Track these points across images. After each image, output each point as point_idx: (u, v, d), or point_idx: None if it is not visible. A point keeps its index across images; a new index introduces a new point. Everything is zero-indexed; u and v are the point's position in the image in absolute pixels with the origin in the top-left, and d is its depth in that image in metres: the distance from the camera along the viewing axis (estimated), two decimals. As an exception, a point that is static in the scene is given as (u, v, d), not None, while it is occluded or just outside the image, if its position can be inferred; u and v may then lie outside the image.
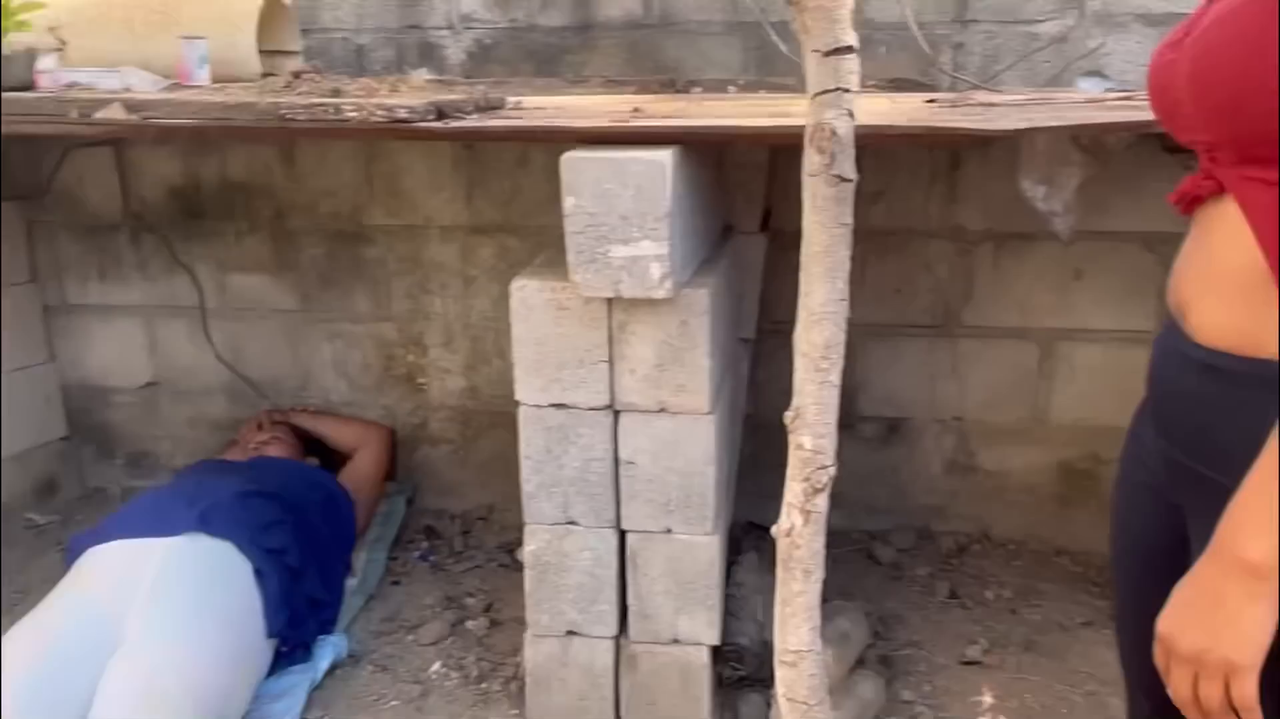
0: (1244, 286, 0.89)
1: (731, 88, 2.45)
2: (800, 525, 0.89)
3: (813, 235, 0.86)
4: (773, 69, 2.54)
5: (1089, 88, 2.26)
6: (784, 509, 0.92)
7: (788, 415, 0.90)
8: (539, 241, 2.78)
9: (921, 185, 2.58)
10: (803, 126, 1.71)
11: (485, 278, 2.83)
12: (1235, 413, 0.91)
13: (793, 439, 0.89)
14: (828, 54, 0.84)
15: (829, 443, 0.89)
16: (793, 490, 0.89)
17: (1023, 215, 2.46)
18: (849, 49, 0.84)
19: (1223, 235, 0.92)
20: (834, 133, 0.84)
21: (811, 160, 0.85)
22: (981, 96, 2.14)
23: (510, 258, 2.80)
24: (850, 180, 0.86)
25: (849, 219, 0.87)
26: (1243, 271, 0.89)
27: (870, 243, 2.54)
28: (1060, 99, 1.96)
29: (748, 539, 2.77)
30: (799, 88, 2.40)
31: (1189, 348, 0.96)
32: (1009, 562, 2.70)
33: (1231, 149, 0.88)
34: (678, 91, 2.43)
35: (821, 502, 0.89)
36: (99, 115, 1.90)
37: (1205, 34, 0.87)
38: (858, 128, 0.88)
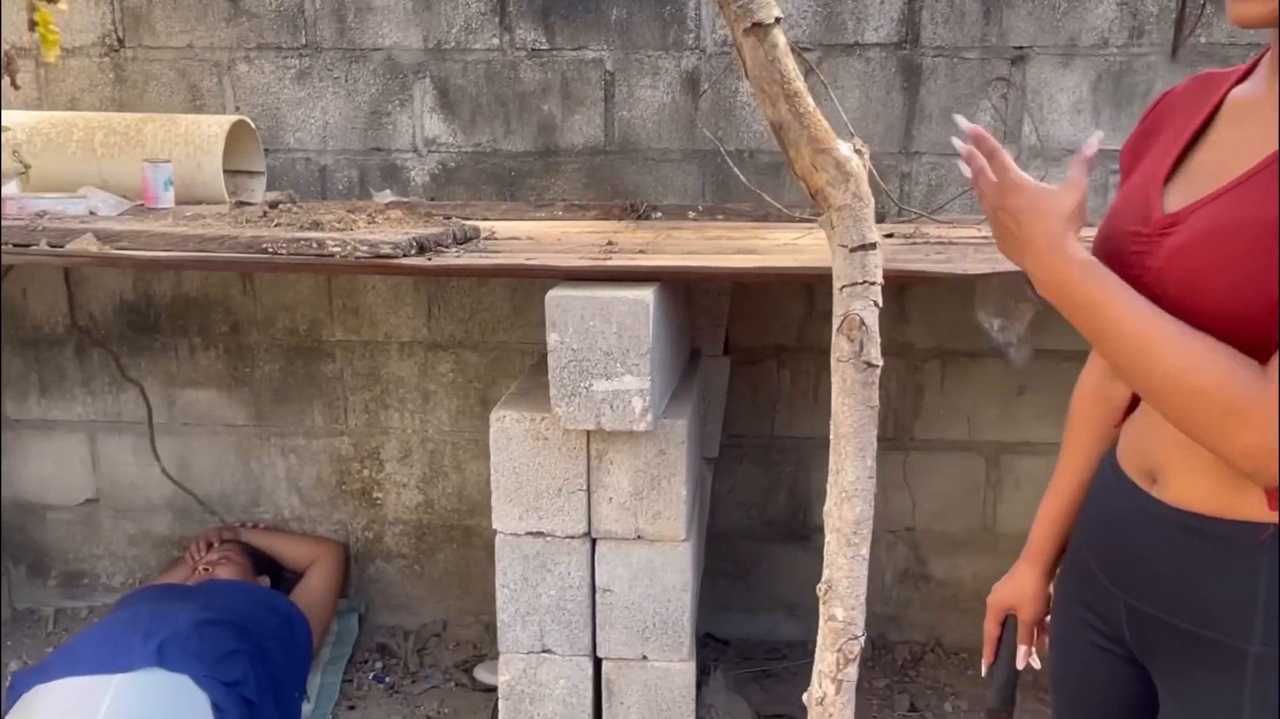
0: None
1: (691, 213, 2.54)
2: (833, 694, 0.92)
3: (842, 417, 0.91)
4: (729, 195, 2.64)
5: (1028, 218, 2.39)
6: (815, 677, 0.95)
7: (820, 587, 0.94)
8: (498, 357, 2.81)
9: (871, 305, 2.68)
10: (772, 268, 1.79)
11: (444, 393, 2.84)
12: (1219, 571, 0.97)
13: (824, 610, 0.93)
14: (854, 250, 0.90)
15: (860, 614, 0.93)
16: (825, 660, 0.93)
17: (967, 334, 2.59)
18: (874, 246, 0.90)
19: None
20: (862, 323, 0.89)
21: (841, 347, 0.90)
22: (934, 229, 2.25)
23: (469, 373, 2.82)
24: (877, 366, 0.91)
25: (875, 402, 0.92)
26: None
27: (823, 360, 2.63)
28: (1012, 238, 2.08)
29: (706, 653, 2.79)
30: (755, 214, 2.51)
31: (1164, 510, 1.02)
32: (963, 671, 2.75)
33: None
34: (639, 217, 2.51)
35: (853, 671, 0.93)
36: (71, 246, 1.88)
37: (1199, 245, 0.92)
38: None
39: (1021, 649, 1.33)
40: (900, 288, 2.66)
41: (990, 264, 1.73)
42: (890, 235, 2.14)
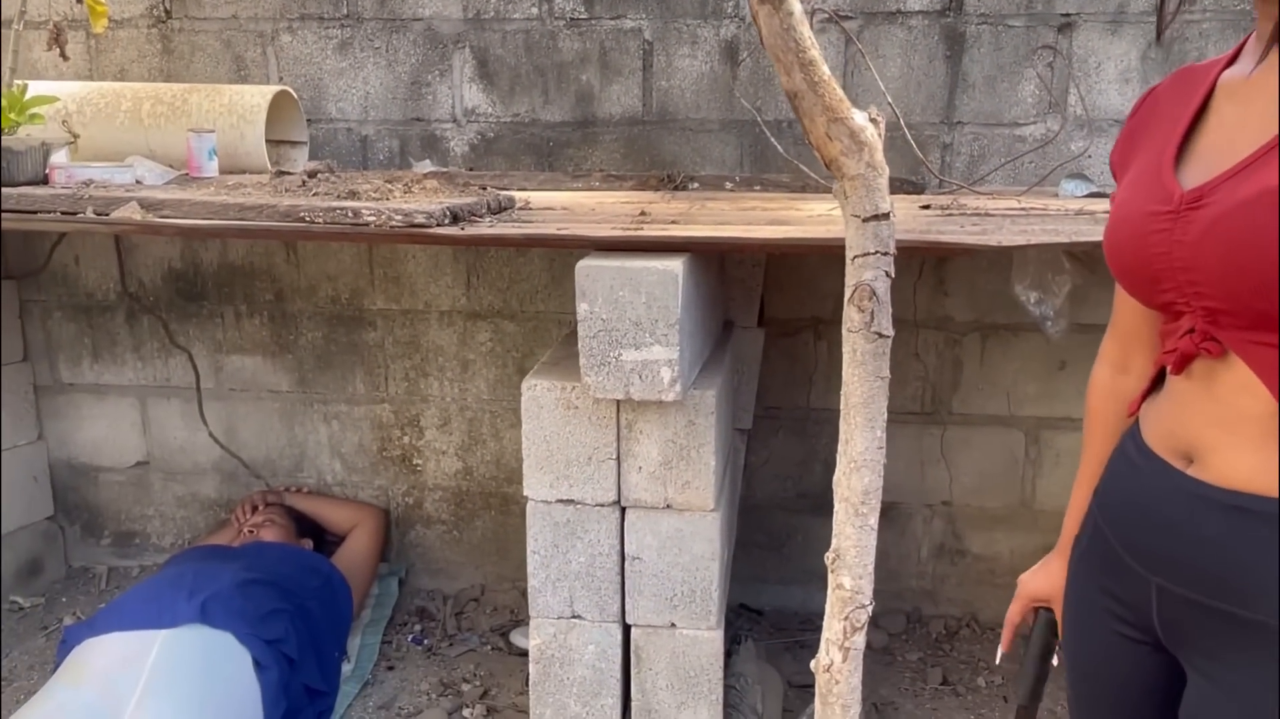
0: (1266, 433, 0.95)
1: (728, 184, 2.53)
2: (839, 662, 0.93)
3: (852, 387, 0.91)
4: (767, 165, 2.62)
5: (1072, 189, 2.35)
6: (823, 645, 0.95)
7: (828, 556, 0.94)
8: (535, 327, 2.84)
9: (910, 277, 2.66)
10: (801, 238, 1.78)
11: (482, 362, 2.87)
12: (1264, 550, 0.95)
13: (832, 579, 0.93)
14: (866, 220, 0.90)
15: (867, 583, 0.93)
16: (832, 628, 0.93)
17: (1008, 307, 2.56)
18: (886, 216, 0.90)
19: (1231, 388, 0.98)
20: (873, 293, 0.89)
21: (852, 318, 0.90)
22: (972, 201, 2.22)
23: (507, 342, 2.85)
24: (888, 336, 0.91)
25: (886, 372, 0.92)
26: (1261, 420, 0.96)
27: (861, 332, 2.62)
28: (1053, 209, 2.04)
29: (740, 623, 2.81)
30: (792, 185, 2.50)
31: (1204, 490, 1.00)
32: (997, 647, 2.73)
33: (1243, 316, 0.94)
34: (676, 187, 2.50)
35: (860, 639, 0.93)
36: (115, 214, 1.93)
37: (1242, 212, 0.92)
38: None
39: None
40: (940, 260, 2.64)
41: (1026, 235, 1.71)
42: (927, 207, 2.11)
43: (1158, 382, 1.12)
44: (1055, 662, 1.34)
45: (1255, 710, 0.97)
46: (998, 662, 1.39)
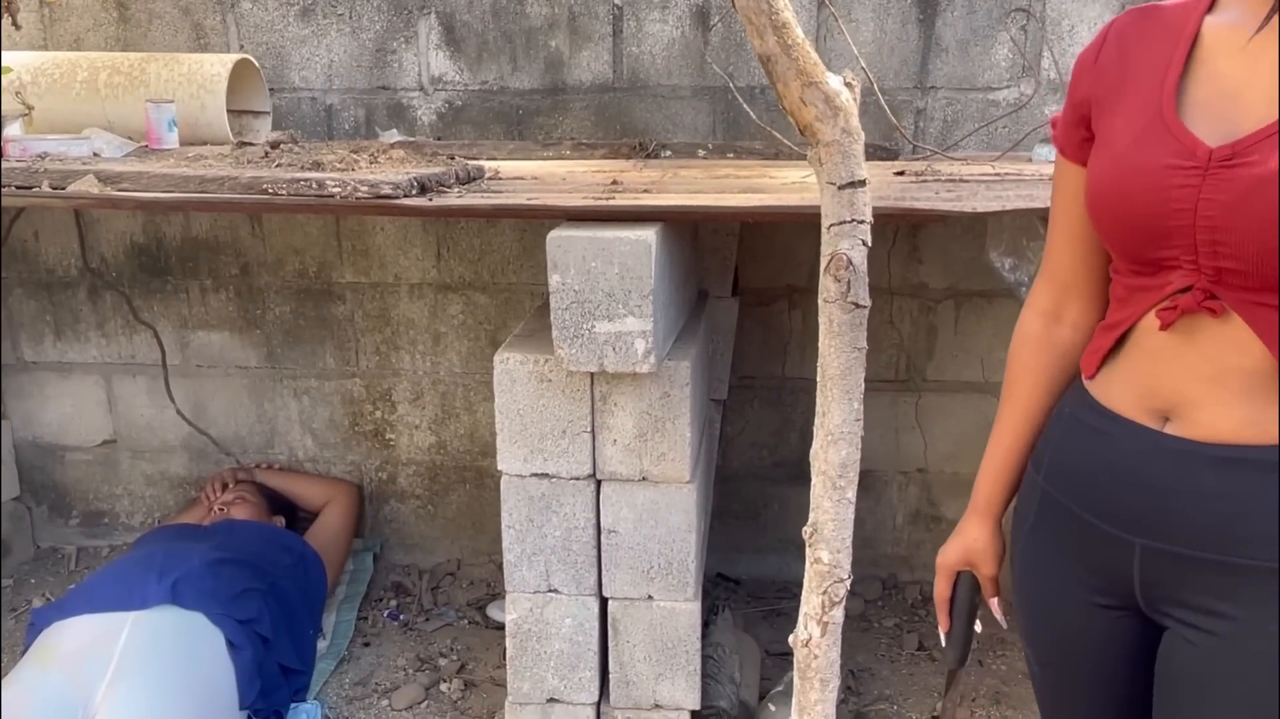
0: (1254, 387, 0.96)
1: (701, 151, 2.50)
2: (818, 636, 0.91)
3: (829, 359, 0.89)
4: (740, 133, 2.59)
5: (1046, 154, 2.34)
6: (801, 620, 0.94)
7: (805, 530, 0.93)
8: (508, 298, 2.80)
9: (884, 244, 2.65)
10: (775, 207, 1.75)
11: (454, 334, 2.84)
12: (1262, 496, 0.96)
13: (810, 553, 0.92)
14: (842, 187, 0.88)
15: (845, 557, 0.92)
16: (810, 603, 0.92)
17: (982, 274, 2.56)
18: (863, 183, 0.88)
19: (1220, 344, 0.98)
20: (850, 263, 0.87)
21: (828, 288, 0.88)
22: (946, 167, 2.21)
23: (479, 314, 2.82)
24: (865, 306, 0.89)
25: (863, 343, 0.90)
26: (1249, 374, 0.97)
27: (835, 300, 2.60)
28: (1027, 174, 2.03)
29: (717, 592, 2.81)
30: (766, 152, 2.47)
31: (1191, 447, 1.00)
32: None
33: (1255, 278, 0.94)
34: (648, 155, 2.47)
35: (838, 614, 0.92)
36: (72, 188, 1.87)
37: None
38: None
39: (994, 602, 1.31)
40: (914, 227, 2.63)
41: (1000, 201, 1.69)
42: (901, 173, 2.10)
43: (1117, 344, 1.10)
44: (979, 627, 1.34)
45: (1259, 656, 0.98)
46: (944, 643, 1.37)
